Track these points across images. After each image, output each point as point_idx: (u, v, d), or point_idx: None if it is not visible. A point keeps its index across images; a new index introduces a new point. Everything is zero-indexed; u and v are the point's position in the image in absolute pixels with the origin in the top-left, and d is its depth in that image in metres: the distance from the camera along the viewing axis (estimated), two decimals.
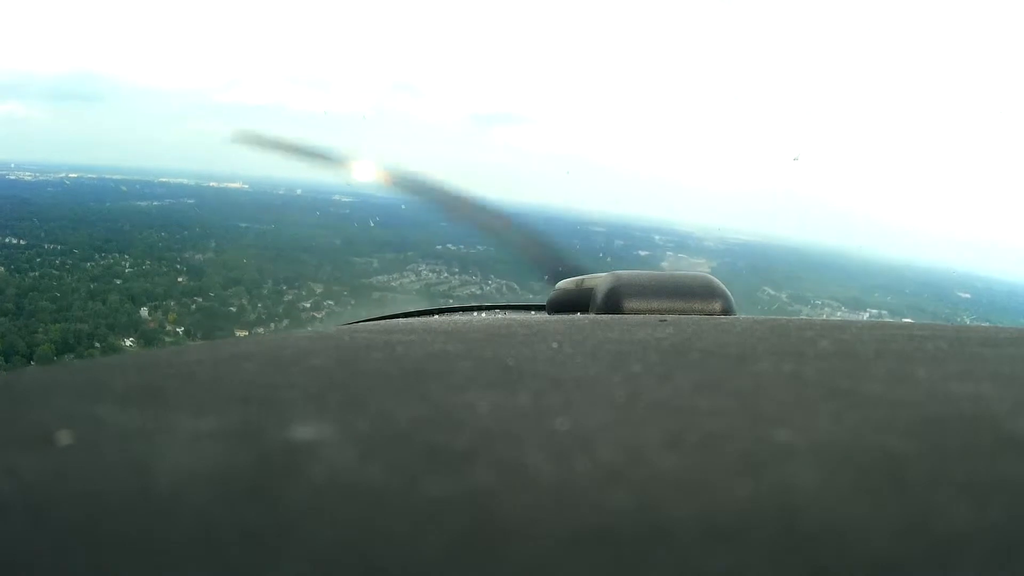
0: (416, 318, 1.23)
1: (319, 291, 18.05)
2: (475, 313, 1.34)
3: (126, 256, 20.55)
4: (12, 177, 27.78)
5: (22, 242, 20.04)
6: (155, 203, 27.25)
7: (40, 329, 14.65)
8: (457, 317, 1.19)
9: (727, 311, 0.86)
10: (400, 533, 0.19)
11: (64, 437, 0.25)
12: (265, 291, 18.58)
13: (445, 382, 0.34)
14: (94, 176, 30.42)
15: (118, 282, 18.43)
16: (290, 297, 18.16)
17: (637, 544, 0.19)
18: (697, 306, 0.85)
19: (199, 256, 21.83)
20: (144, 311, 16.70)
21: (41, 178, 27.93)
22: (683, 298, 0.86)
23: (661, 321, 0.58)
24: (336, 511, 0.20)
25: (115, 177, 30.76)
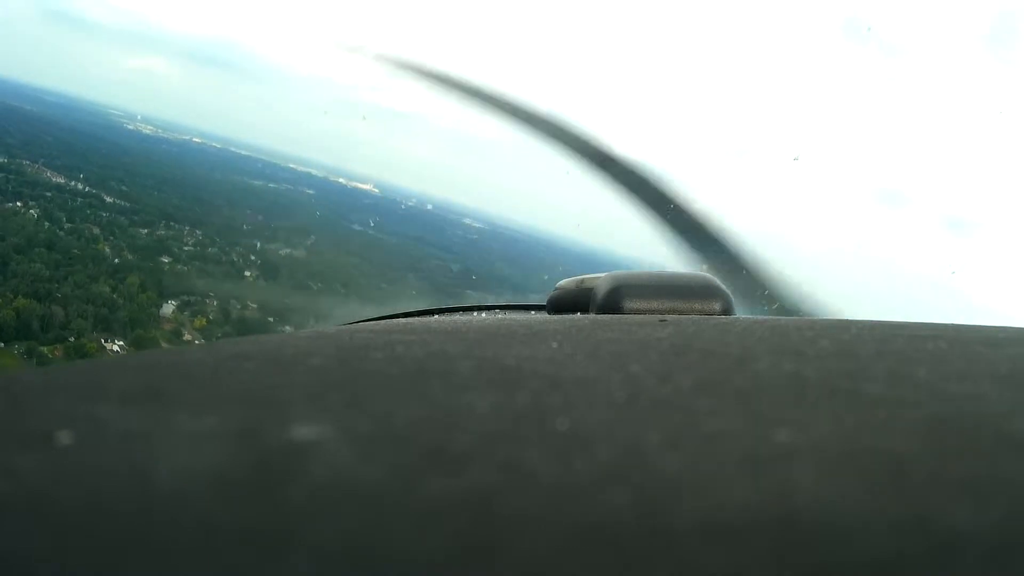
0: (416, 318, 1.17)
1: None
2: (475, 313, 1.28)
3: (196, 231, 16.64)
4: (130, 127, 24.99)
5: (87, 188, 16.42)
6: (271, 185, 23.63)
7: None
8: (457, 317, 1.12)
9: (727, 311, 0.85)
10: (400, 533, 0.19)
11: (63, 437, 0.25)
12: (344, 313, 13.61)
13: (445, 382, 0.34)
14: (219, 145, 27.31)
15: (164, 260, 14.30)
16: None
17: (637, 544, 0.19)
18: (697, 306, 0.84)
19: (285, 250, 17.82)
20: (169, 307, 12.21)
21: (161, 134, 25.04)
22: (683, 298, 0.84)
23: (661, 321, 0.57)
24: (336, 511, 0.21)
25: (241, 152, 27.51)
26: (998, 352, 0.46)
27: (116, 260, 13.35)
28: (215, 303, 13.06)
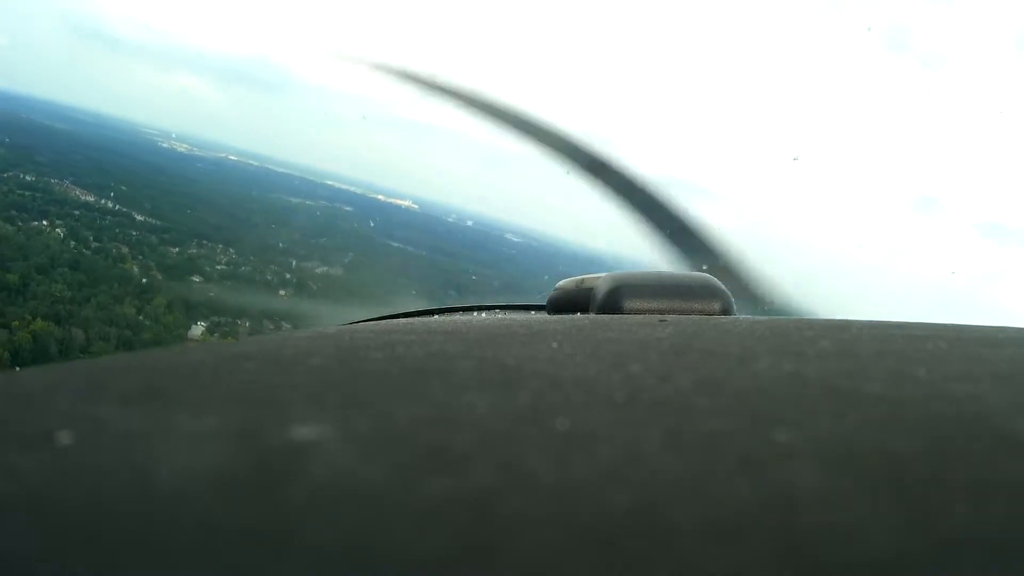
0: (416, 318, 1.14)
1: None
2: (475, 313, 1.25)
3: (230, 250, 15.95)
4: (165, 145, 24.64)
5: (116, 207, 15.82)
6: (308, 202, 23.05)
7: (16, 322, 9.47)
8: (457, 317, 1.10)
9: (727, 311, 0.84)
10: (400, 533, 0.20)
11: (64, 437, 0.25)
12: None
13: (445, 382, 0.34)
14: (256, 163, 26.88)
15: (195, 280, 13.57)
16: None
17: (637, 544, 0.19)
18: (697, 306, 0.84)
19: (321, 268, 17.06)
20: (198, 328, 11.41)
21: (196, 153, 24.66)
22: (683, 298, 0.84)
23: (661, 321, 0.57)
24: (336, 511, 0.21)
25: (278, 169, 27.05)
26: (998, 352, 0.46)
27: (144, 280, 12.62)
28: (247, 323, 12.24)
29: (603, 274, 0.92)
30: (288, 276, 15.51)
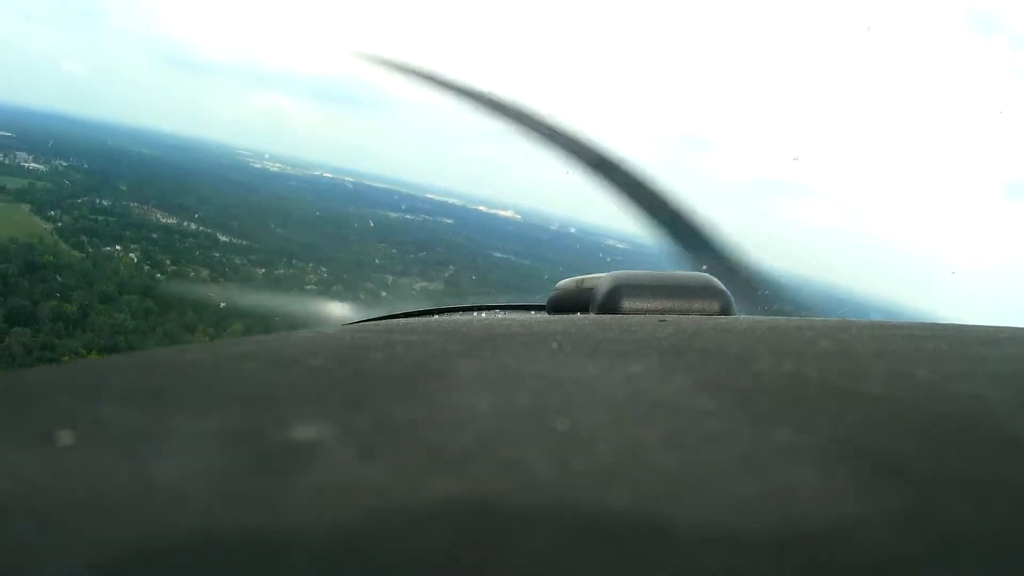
0: (416, 318, 1.18)
1: None
2: (475, 313, 1.27)
3: (321, 268, 14.49)
4: (256, 165, 23.72)
5: (199, 228, 14.60)
6: (408, 216, 21.55)
7: (67, 357, 8.01)
8: (457, 317, 1.13)
9: (726, 311, 0.84)
10: (400, 533, 0.19)
11: (64, 437, 0.25)
12: None
13: (445, 382, 0.34)
14: (352, 180, 25.66)
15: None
16: None
17: (637, 544, 0.19)
18: (697, 305, 0.84)
19: (420, 284, 15.46)
20: None
21: (289, 171, 23.62)
22: (683, 298, 0.84)
23: (661, 321, 0.58)
24: (336, 511, 0.21)
25: (375, 184, 25.76)
26: (998, 352, 0.46)
27: (222, 304, 11.09)
28: None
29: (603, 274, 0.89)
30: (384, 294, 13.86)
